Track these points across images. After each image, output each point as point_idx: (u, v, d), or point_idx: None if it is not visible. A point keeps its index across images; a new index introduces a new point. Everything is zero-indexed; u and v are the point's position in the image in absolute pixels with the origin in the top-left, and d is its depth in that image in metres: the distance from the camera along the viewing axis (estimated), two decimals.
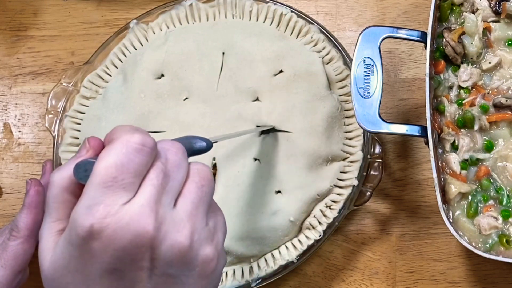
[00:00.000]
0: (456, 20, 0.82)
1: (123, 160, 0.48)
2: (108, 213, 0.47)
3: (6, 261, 0.75)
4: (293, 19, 0.88)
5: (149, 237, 0.48)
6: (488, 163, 0.77)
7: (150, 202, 0.48)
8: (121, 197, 0.48)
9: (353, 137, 0.85)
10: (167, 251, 0.49)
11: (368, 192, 0.83)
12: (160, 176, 0.50)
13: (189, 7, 0.90)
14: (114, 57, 0.90)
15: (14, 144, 0.94)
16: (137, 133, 0.50)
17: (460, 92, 0.80)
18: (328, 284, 0.86)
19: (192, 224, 0.50)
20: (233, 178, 0.82)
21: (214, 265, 0.53)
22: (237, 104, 0.84)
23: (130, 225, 0.47)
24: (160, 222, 0.49)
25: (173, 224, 0.49)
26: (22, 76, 0.96)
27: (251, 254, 0.82)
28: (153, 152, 0.50)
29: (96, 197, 0.48)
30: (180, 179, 0.51)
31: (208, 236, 0.52)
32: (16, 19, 0.98)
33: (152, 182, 0.49)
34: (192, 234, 0.50)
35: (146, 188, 0.49)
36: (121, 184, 0.48)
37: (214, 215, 0.54)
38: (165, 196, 0.50)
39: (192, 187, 0.52)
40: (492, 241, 0.74)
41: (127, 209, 0.48)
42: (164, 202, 0.50)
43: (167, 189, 0.50)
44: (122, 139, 0.49)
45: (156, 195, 0.49)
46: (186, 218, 0.50)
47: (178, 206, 0.51)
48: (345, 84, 0.87)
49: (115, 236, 0.47)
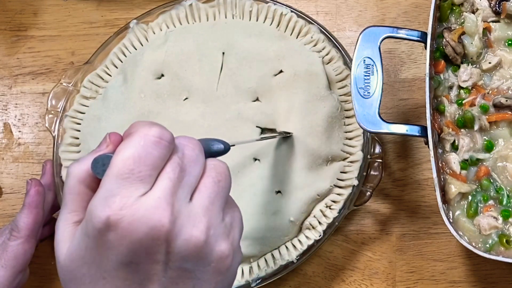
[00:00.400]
0: (456, 20, 0.82)
1: (140, 153, 0.49)
2: (124, 205, 0.47)
3: (7, 261, 0.75)
4: (293, 19, 0.88)
5: (164, 230, 0.48)
6: (488, 163, 0.77)
7: (166, 195, 0.49)
8: (138, 189, 0.48)
9: (353, 137, 0.85)
10: (183, 245, 0.49)
11: (368, 192, 0.83)
12: (177, 170, 0.50)
13: (189, 7, 0.90)
14: (114, 57, 0.90)
15: (14, 144, 0.94)
16: (155, 126, 0.50)
17: (460, 92, 0.80)
18: (328, 284, 0.86)
19: (208, 219, 0.50)
20: (233, 178, 0.82)
21: (229, 262, 0.52)
22: (237, 104, 0.84)
23: (146, 217, 0.48)
24: (176, 216, 0.49)
25: (189, 218, 0.50)
26: (22, 76, 0.96)
27: (251, 254, 0.82)
28: (170, 146, 0.50)
29: (113, 189, 0.48)
30: (197, 174, 0.52)
31: (224, 232, 0.52)
32: (16, 19, 0.98)
33: (169, 175, 0.49)
34: (208, 229, 0.50)
35: (163, 181, 0.49)
36: (138, 176, 0.48)
37: (231, 211, 0.54)
38: (181, 190, 0.50)
39: (208, 182, 0.52)
40: (492, 241, 0.74)
41: (143, 201, 0.48)
42: (180, 196, 0.50)
43: (184, 183, 0.50)
44: (140, 132, 0.50)
45: (172, 188, 0.49)
46: (202, 212, 0.50)
47: (194, 200, 0.51)
48: (345, 84, 0.87)
49: (131, 228, 0.47)
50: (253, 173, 0.82)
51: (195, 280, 0.51)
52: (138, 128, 0.51)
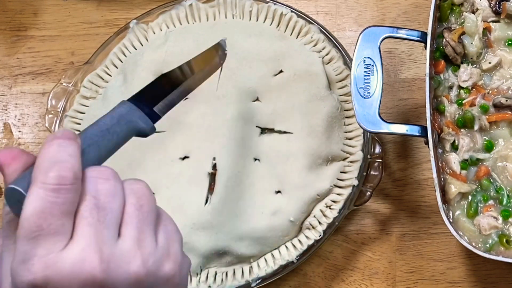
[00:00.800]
0: (456, 20, 0.82)
1: (42, 206, 0.44)
2: (47, 265, 0.44)
3: None
4: (293, 19, 0.88)
5: (98, 280, 0.45)
6: (488, 163, 0.77)
7: (91, 243, 0.45)
8: (56, 243, 0.45)
9: (353, 137, 0.85)
10: (123, 285, 0.47)
11: (368, 192, 0.83)
12: (94, 212, 0.46)
13: (189, 7, 0.90)
14: (114, 57, 0.90)
15: (14, 144, 0.94)
16: (51, 169, 0.45)
17: (460, 92, 0.80)
18: (328, 284, 0.86)
19: (142, 250, 0.48)
20: (233, 178, 0.82)
21: (178, 278, 0.51)
22: (237, 104, 0.84)
23: (75, 271, 0.45)
24: (108, 261, 0.46)
25: (122, 256, 0.47)
26: (22, 76, 0.96)
27: (251, 254, 0.81)
28: (75, 186, 0.46)
29: (27, 251, 0.44)
30: (118, 208, 0.48)
31: (163, 253, 0.50)
32: (16, 19, 0.98)
33: (88, 220, 0.46)
34: (145, 262, 0.48)
35: (83, 228, 0.46)
36: (49, 230, 0.44)
37: (163, 227, 0.51)
38: (106, 231, 0.46)
39: (131, 211, 0.49)
40: (492, 241, 0.74)
41: (67, 257, 0.45)
42: (107, 237, 0.46)
43: (107, 223, 0.47)
44: (37, 182, 0.45)
45: (95, 233, 0.46)
46: (134, 247, 0.48)
47: (123, 236, 0.48)
48: (345, 84, 0.87)
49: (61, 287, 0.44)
50: (253, 173, 0.82)
51: None
52: (37, 176, 0.45)
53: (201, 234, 0.80)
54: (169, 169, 0.83)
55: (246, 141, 0.83)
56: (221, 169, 0.82)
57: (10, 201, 0.47)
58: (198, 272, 0.82)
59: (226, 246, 0.80)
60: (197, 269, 0.82)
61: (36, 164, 0.46)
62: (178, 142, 0.83)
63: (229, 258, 0.81)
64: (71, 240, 0.45)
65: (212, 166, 0.83)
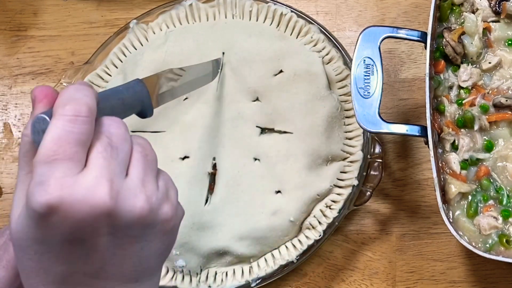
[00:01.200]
0: (456, 20, 0.82)
1: (59, 133, 0.49)
2: (62, 187, 0.48)
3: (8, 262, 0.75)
4: (293, 19, 0.88)
5: (107, 206, 0.49)
6: (488, 163, 0.77)
7: (104, 173, 0.50)
8: (70, 168, 0.49)
9: (353, 137, 0.85)
10: (127, 217, 0.51)
11: (368, 192, 0.83)
12: (109, 149, 0.51)
13: (189, 7, 0.90)
14: (114, 57, 0.90)
15: (14, 144, 0.94)
16: (69, 104, 0.50)
17: (460, 92, 0.80)
18: (328, 284, 0.86)
19: (147, 189, 0.53)
20: (233, 178, 0.82)
21: (173, 222, 0.56)
22: (237, 104, 0.84)
23: (87, 197, 0.49)
24: (117, 191, 0.50)
25: (129, 191, 0.51)
26: (22, 76, 0.96)
27: (251, 254, 0.81)
28: (89, 119, 0.51)
29: (44, 174, 0.49)
30: (127, 150, 0.53)
31: (162, 196, 0.54)
32: (16, 19, 0.98)
33: (102, 154, 0.51)
34: (149, 198, 0.52)
35: (98, 160, 0.50)
36: (64, 155, 0.49)
37: (162, 176, 0.56)
38: (117, 166, 0.51)
39: (138, 156, 0.54)
40: (492, 241, 0.74)
41: (81, 182, 0.49)
42: (117, 172, 0.51)
43: (119, 160, 0.52)
44: (56, 114, 0.50)
45: (108, 166, 0.50)
46: (140, 184, 0.52)
47: (130, 174, 0.52)
48: (345, 84, 0.87)
49: (72, 209, 0.48)
50: (253, 173, 0.82)
51: (143, 242, 0.54)
52: (56, 109, 0.51)
53: (201, 234, 0.80)
54: (169, 169, 0.81)
55: (246, 141, 0.83)
56: (221, 169, 0.82)
57: (35, 131, 0.51)
58: (198, 272, 0.82)
59: (226, 246, 0.80)
60: (197, 269, 0.82)
61: (56, 101, 0.51)
62: (178, 142, 0.83)
63: (229, 258, 0.81)
64: (85, 168, 0.50)
65: (212, 166, 0.83)
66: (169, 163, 0.83)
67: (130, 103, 0.60)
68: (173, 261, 0.81)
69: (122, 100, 0.58)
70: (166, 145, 0.83)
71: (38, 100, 0.53)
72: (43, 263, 0.51)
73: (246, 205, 0.81)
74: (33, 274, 0.52)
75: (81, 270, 0.52)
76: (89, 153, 0.51)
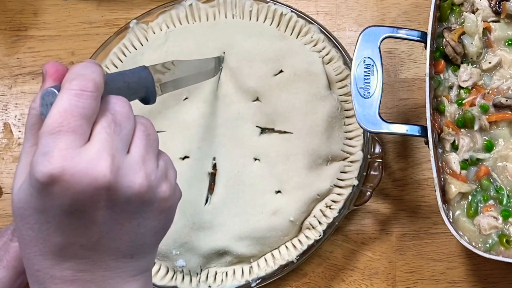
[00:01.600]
0: (456, 20, 0.82)
1: (65, 106, 0.51)
2: (65, 158, 0.49)
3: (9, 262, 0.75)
4: (293, 19, 0.88)
5: (107, 180, 0.50)
6: (488, 163, 0.77)
7: (106, 147, 0.51)
8: (73, 141, 0.50)
9: (353, 137, 0.85)
10: (127, 192, 0.52)
11: (368, 192, 0.83)
12: (112, 125, 0.53)
13: (189, 7, 0.90)
14: (114, 57, 0.90)
15: (14, 144, 0.94)
16: (76, 79, 0.52)
17: (460, 92, 0.80)
18: (328, 284, 0.86)
19: (147, 166, 0.54)
20: (233, 178, 0.82)
21: (171, 201, 0.57)
22: (237, 104, 0.84)
23: (88, 169, 0.50)
24: (118, 166, 0.51)
25: (130, 167, 0.53)
26: (22, 76, 0.96)
27: (251, 254, 0.81)
28: (95, 94, 0.52)
29: (48, 144, 0.50)
30: (130, 128, 0.55)
31: (162, 175, 0.56)
32: (16, 19, 0.98)
33: (106, 129, 0.52)
34: (149, 175, 0.54)
35: (101, 134, 0.52)
36: (68, 128, 0.50)
37: (162, 157, 0.58)
38: (119, 142, 0.53)
39: (141, 135, 0.55)
40: (492, 241, 0.74)
41: (83, 154, 0.50)
42: (119, 147, 0.52)
43: (121, 137, 0.53)
44: (63, 88, 0.52)
45: (111, 141, 0.52)
46: (141, 161, 0.54)
47: (132, 151, 0.54)
48: (345, 84, 0.87)
49: (74, 181, 0.50)
50: (253, 173, 0.82)
51: (140, 219, 0.55)
52: (64, 84, 0.52)
53: (201, 234, 0.80)
54: None
55: (246, 141, 0.83)
56: (221, 169, 0.82)
57: (43, 104, 0.53)
58: (198, 272, 0.82)
59: (226, 246, 0.80)
60: (197, 269, 0.82)
61: (65, 77, 0.53)
62: (178, 142, 0.83)
63: (229, 258, 0.81)
64: (89, 142, 0.51)
65: (212, 166, 0.83)
66: None
67: (135, 87, 0.61)
68: (173, 261, 0.81)
69: (127, 83, 0.60)
70: (166, 145, 0.83)
71: (49, 75, 0.55)
72: (42, 233, 0.53)
73: (246, 205, 0.81)
74: (31, 244, 0.53)
75: (78, 242, 0.53)
76: (93, 128, 0.52)
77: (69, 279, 0.54)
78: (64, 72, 0.55)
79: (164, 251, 0.81)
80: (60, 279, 0.54)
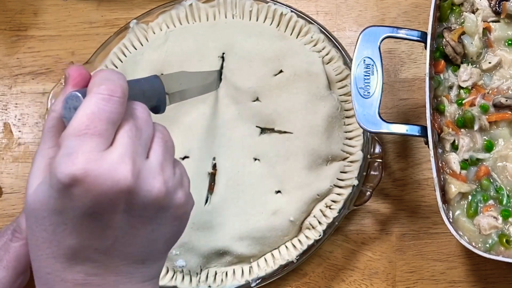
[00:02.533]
0: (456, 20, 0.82)
1: (93, 109, 0.52)
2: (88, 160, 0.50)
3: (9, 263, 0.75)
4: (293, 19, 0.88)
5: (128, 184, 0.51)
6: (488, 163, 0.77)
7: (128, 151, 0.52)
8: (98, 144, 0.51)
9: (353, 137, 0.85)
10: (146, 196, 0.53)
11: (368, 192, 0.83)
12: (134, 129, 0.54)
13: (189, 7, 0.90)
14: (114, 57, 0.90)
15: (14, 144, 0.94)
16: (104, 84, 0.53)
17: (460, 92, 0.80)
18: (328, 284, 0.86)
19: (165, 173, 0.55)
20: (233, 178, 0.82)
21: (185, 207, 0.58)
22: (237, 104, 0.84)
23: (111, 172, 0.51)
24: (138, 170, 0.52)
25: (149, 172, 0.53)
26: (22, 76, 0.96)
27: (251, 254, 0.81)
28: (122, 100, 0.53)
29: (73, 146, 0.51)
30: (150, 134, 0.56)
31: (178, 182, 0.57)
32: (16, 19, 0.98)
33: (128, 134, 0.53)
34: (166, 181, 0.55)
35: (124, 139, 0.52)
36: (94, 131, 0.51)
37: (178, 165, 0.59)
38: (140, 147, 0.54)
39: (159, 142, 0.56)
40: (492, 241, 0.74)
41: (106, 157, 0.51)
42: (140, 152, 0.53)
43: (141, 141, 0.54)
44: (91, 92, 0.53)
45: (132, 145, 0.53)
46: (159, 167, 0.55)
47: (151, 157, 0.55)
48: (345, 84, 0.87)
49: (96, 183, 0.50)
50: (253, 173, 0.82)
51: (154, 225, 0.56)
52: (91, 88, 0.53)
53: (201, 234, 0.80)
54: None
55: (246, 141, 0.83)
56: (221, 169, 0.82)
57: (66, 107, 0.54)
58: (198, 272, 0.82)
59: (226, 246, 0.80)
60: (197, 269, 0.82)
61: (92, 81, 0.54)
62: (178, 142, 0.83)
63: (229, 258, 0.81)
64: (112, 146, 0.52)
65: (212, 166, 0.83)
66: None
67: (149, 95, 0.62)
68: (173, 261, 0.81)
69: (143, 91, 0.61)
70: None
71: (72, 78, 0.56)
72: (56, 235, 0.53)
73: (246, 205, 0.81)
74: (44, 246, 0.54)
75: (92, 246, 0.53)
76: (116, 132, 0.53)
77: (80, 282, 0.54)
78: (87, 77, 0.55)
79: None
80: (71, 283, 0.54)
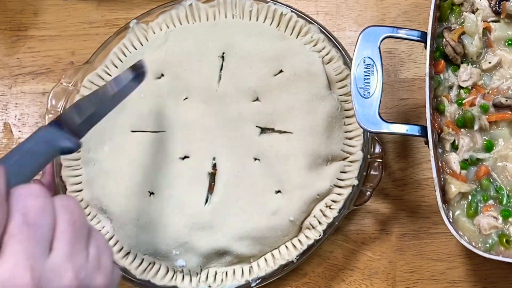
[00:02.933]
0: (456, 20, 0.82)
1: None
2: None
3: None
4: (293, 19, 0.88)
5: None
6: (488, 163, 0.77)
7: (21, 260, 0.46)
8: None
9: (353, 137, 0.85)
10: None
11: (368, 192, 0.83)
12: (24, 229, 0.47)
13: (189, 7, 0.90)
14: (114, 57, 0.90)
15: (14, 144, 0.94)
16: None
17: (460, 92, 0.80)
18: (328, 284, 0.86)
19: (74, 264, 0.49)
20: (233, 178, 0.82)
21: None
22: (237, 104, 0.84)
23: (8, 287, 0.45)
24: (39, 276, 0.46)
25: (54, 272, 0.47)
26: (22, 76, 0.96)
27: (251, 254, 0.81)
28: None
29: None
30: (49, 223, 0.48)
31: (94, 266, 0.51)
32: (16, 19, 0.98)
33: (17, 238, 0.46)
34: (77, 274, 0.49)
35: (13, 246, 0.46)
36: None
37: (94, 241, 0.53)
38: (36, 247, 0.47)
39: (64, 227, 0.49)
40: (492, 241, 0.74)
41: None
42: (37, 253, 0.47)
43: (38, 239, 0.47)
44: None
45: (25, 250, 0.46)
46: (66, 260, 0.48)
47: (55, 250, 0.48)
48: (345, 84, 0.87)
49: None
50: (253, 173, 0.82)
51: None
52: None
53: (201, 234, 0.80)
54: (169, 169, 0.83)
55: (246, 141, 0.83)
56: (221, 169, 0.82)
57: None
58: (198, 272, 0.82)
59: (226, 246, 0.80)
60: (197, 269, 0.82)
61: None
62: (178, 142, 0.83)
63: (229, 258, 0.81)
64: (1, 259, 0.45)
65: (212, 166, 0.83)
66: (169, 163, 0.83)
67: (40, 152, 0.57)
68: (173, 261, 0.81)
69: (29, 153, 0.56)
70: (166, 145, 0.83)
71: None
72: None
73: (246, 205, 0.81)
74: None
75: None
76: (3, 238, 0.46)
77: None
78: None
79: (164, 251, 0.81)
80: None
